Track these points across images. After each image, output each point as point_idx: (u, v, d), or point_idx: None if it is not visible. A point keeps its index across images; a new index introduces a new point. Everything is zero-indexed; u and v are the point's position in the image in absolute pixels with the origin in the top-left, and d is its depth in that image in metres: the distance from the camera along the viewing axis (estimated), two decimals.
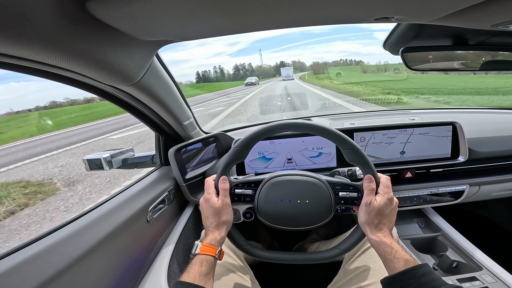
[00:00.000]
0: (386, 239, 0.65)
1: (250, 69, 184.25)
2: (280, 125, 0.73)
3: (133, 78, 0.70)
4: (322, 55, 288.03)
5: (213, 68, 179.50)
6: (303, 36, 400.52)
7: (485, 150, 1.23)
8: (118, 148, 1.17)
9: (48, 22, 0.42)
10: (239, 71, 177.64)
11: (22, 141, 10.25)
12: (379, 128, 1.18)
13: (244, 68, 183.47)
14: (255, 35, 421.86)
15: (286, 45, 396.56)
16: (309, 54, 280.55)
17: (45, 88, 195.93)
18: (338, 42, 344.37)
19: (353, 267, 0.86)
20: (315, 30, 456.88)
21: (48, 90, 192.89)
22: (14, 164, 6.42)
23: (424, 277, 0.55)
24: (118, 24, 0.50)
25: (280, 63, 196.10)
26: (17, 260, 0.55)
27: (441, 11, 0.58)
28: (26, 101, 60.08)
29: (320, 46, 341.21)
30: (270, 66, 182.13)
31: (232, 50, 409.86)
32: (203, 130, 1.40)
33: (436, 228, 1.20)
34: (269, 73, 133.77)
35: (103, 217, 0.77)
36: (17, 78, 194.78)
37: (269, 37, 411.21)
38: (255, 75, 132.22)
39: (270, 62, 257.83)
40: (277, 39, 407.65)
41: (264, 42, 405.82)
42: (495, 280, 0.88)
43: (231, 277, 0.83)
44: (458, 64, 1.02)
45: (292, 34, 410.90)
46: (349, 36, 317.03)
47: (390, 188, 0.71)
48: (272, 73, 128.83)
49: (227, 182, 0.74)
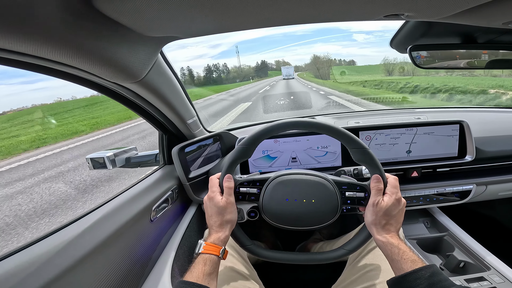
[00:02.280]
0: (393, 240, 0.64)
1: (225, 70, 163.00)
2: (286, 123, 0.72)
3: (137, 75, 0.69)
4: (303, 56, 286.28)
5: (180, 70, 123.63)
6: (285, 38, 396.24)
7: (492, 149, 1.22)
8: (121, 147, 1.16)
9: (54, 17, 0.41)
10: (212, 74, 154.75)
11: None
12: (385, 126, 1.16)
13: (218, 70, 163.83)
14: (237, 37, 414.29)
15: (268, 46, 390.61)
16: (291, 56, 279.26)
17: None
18: (319, 44, 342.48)
19: (358, 267, 0.85)
20: (297, 32, 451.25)
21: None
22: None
23: (432, 278, 0.54)
24: (124, 19, 0.49)
25: (261, 63, 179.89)
26: (21, 260, 0.55)
27: (453, 9, 0.57)
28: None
29: (301, 48, 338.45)
30: (250, 67, 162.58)
31: (214, 52, 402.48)
32: (207, 129, 1.39)
33: (443, 228, 1.19)
34: (248, 74, 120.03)
35: (107, 216, 0.77)
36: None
37: (252, 39, 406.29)
38: (231, 77, 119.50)
39: (250, 62, 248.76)
40: (259, 41, 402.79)
41: (247, 44, 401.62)
42: (503, 280, 0.87)
43: (235, 277, 0.82)
44: (466, 62, 1.00)
45: (274, 36, 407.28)
46: (330, 38, 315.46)
47: (398, 188, 0.70)
48: (251, 74, 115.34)
49: (232, 181, 0.73)
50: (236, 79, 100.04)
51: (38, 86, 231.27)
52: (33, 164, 6.47)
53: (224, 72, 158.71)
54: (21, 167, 6.32)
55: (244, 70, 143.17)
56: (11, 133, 12.25)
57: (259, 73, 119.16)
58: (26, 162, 6.67)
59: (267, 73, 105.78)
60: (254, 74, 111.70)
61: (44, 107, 29.14)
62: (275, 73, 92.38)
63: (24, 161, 6.82)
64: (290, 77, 40.47)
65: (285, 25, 0.64)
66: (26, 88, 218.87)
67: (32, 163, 6.53)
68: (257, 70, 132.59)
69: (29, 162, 6.66)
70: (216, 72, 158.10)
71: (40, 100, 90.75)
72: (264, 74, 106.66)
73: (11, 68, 0.51)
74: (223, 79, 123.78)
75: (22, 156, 7.67)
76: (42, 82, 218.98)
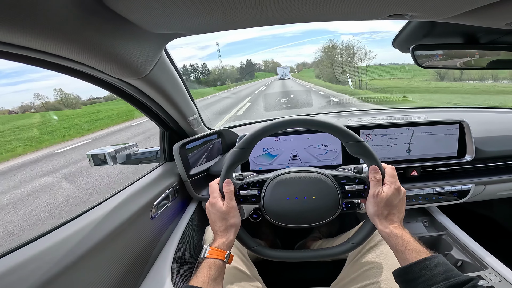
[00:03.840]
0: (397, 231, 0.64)
1: (204, 71, 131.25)
2: (280, 122, 0.72)
3: (142, 71, 0.69)
4: (293, 58, 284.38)
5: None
6: (275, 39, 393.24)
7: (491, 149, 1.22)
8: (122, 143, 1.16)
9: (64, 12, 0.41)
10: (188, 76, 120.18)
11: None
12: (385, 125, 1.17)
13: (196, 71, 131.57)
14: (226, 39, 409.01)
15: (258, 48, 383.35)
16: (280, 58, 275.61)
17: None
18: (308, 46, 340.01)
19: (358, 265, 0.86)
20: (286, 33, 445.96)
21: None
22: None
23: (437, 268, 0.54)
24: (132, 15, 0.49)
25: (246, 62, 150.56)
26: (22, 257, 0.55)
27: (457, 9, 0.57)
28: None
29: (290, 50, 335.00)
30: (233, 68, 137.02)
31: (203, 53, 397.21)
32: (208, 126, 1.39)
33: (441, 227, 1.20)
34: (232, 76, 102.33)
35: (108, 213, 0.77)
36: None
37: (241, 40, 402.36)
38: (210, 80, 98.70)
39: (234, 62, 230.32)
40: (249, 42, 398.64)
41: (236, 45, 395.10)
42: (500, 279, 0.87)
43: (237, 275, 0.83)
44: (468, 62, 1.01)
45: (263, 38, 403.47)
46: (318, 39, 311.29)
47: (396, 177, 0.70)
48: (235, 76, 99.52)
49: (231, 185, 0.73)
50: (217, 82, 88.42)
51: (20, 88, 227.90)
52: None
53: (203, 73, 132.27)
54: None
55: (227, 71, 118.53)
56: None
57: (244, 74, 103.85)
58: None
59: (254, 75, 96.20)
60: (239, 77, 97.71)
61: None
62: (263, 74, 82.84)
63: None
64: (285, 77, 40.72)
65: (290, 23, 0.64)
66: (8, 90, 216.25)
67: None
68: (241, 71, 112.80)
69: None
70: (193, 75, 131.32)
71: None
72: (250, 76, 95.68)
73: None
74: (202, 82, 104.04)
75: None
76: (24, 84, 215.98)
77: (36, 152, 9.12)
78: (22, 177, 6.24)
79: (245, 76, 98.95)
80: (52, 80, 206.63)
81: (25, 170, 6.87)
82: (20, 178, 6.17)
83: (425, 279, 0.53)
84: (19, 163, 7.83)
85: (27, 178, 6.13)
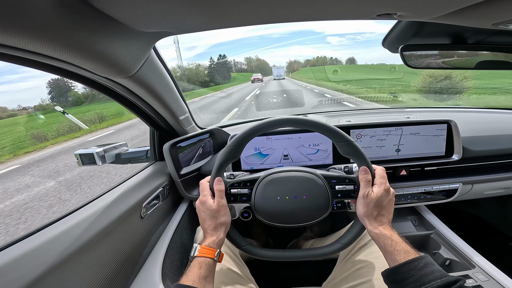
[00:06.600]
0: (386, 231, 0.64)
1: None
2: (271, 122, 0.72)
3: (129, 70, 0.68)
4: (280, 59, 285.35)
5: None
6: (262, 40, 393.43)
7: (479, 149, 1.24)
8: (111, 143, 1.14)
9: (45, 10, 0.40)
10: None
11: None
12: (375, 125, 1.18)
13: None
14: (213, 39, 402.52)
15: (245, 49, 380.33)
16: (269, 58, 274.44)
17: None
18: (295, 46, 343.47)
19: (349, 264, 0.86)
20: (273, 34, 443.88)
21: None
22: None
23: (425, 268, 0.55)
24: (117, 14, 0.48)
25: (219, 58, 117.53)
26: (6, 258, 0.53)
27: (445, 9, 0.58)
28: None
29: (278, 50, 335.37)
30: (199, 67, 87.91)
31: (189, 54, 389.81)
32: (199, 125, 1.38)
33: (430, 226, 1.21)
34: (196, 79, 71.58)
35: (96, 213, 0.76)
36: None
37: (228, 41, 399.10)
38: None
39: (202, 60, 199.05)
40: (236, 43, 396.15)
41: (222, 47, 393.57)
42: (488, 278, 0.88)
43: (229, 275, 0.83)
44: (455, 62, 1.02)
45: (251, 38, 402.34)
46: (305, 40, 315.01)
47: (386, 178, 0.71)
48: (202, 79, 71.48)
49: (222, 183, 0.73)
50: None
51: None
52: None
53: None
54: None
55: (192, 71, 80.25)
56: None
57: (214, 77, 75.90)
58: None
59: (230, 77, 75.37)
60: (207, 79, 71.06)
61: None
62: (244, 75, 65.26)
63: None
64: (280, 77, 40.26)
65: (278, 22, 0.64)
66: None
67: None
68: (210, 72, 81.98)
69: None
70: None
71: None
72: (222, 79, 71.48)
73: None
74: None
75: None
76: (2, 85, 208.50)
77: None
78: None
79: (215, 79, 72.68)
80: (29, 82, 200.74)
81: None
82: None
83: (413, 279, 0.54)
84: None
85: None
